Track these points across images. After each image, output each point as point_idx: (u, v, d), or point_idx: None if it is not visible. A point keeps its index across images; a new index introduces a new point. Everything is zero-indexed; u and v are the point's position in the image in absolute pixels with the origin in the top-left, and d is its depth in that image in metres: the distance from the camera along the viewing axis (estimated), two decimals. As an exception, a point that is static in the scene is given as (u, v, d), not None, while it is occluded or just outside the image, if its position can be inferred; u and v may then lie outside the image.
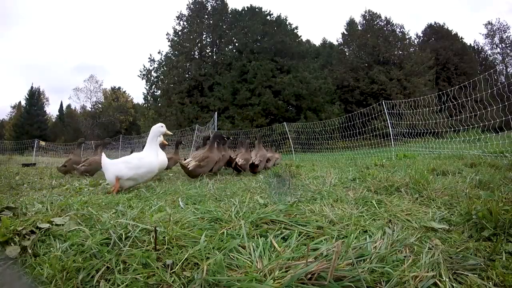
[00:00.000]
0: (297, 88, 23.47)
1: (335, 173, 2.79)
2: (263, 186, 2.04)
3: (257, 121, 22.52)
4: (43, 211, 1.32)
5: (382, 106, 6.68)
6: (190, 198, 1.67)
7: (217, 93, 24.34)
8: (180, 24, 28.70)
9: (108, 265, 0.81)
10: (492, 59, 35.17)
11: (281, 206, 1.32)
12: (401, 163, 3.58)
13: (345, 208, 1.36)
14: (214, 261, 0.78)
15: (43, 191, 2.27)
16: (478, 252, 0.87)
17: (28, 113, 37.28)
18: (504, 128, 4.62)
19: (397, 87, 26.19)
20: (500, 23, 34.60)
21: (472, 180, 1.83)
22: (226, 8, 28.64)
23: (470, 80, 4.89)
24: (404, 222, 1.15)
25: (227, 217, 1.20)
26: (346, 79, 27.60)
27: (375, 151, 6.75)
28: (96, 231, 1.02)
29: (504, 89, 4.18)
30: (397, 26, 30.91)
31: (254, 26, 25.49)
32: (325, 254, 0.81)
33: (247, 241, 0.94)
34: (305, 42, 30.20)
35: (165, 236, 0.94)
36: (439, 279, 0.73)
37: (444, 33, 34.64)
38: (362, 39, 29.23)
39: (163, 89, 26.94)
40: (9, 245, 0.92)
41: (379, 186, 1.79)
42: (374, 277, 0.72)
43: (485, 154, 3.99)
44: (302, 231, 1.05)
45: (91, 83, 41.59)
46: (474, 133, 5.05)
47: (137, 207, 1.42)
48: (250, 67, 23.93)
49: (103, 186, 2.49)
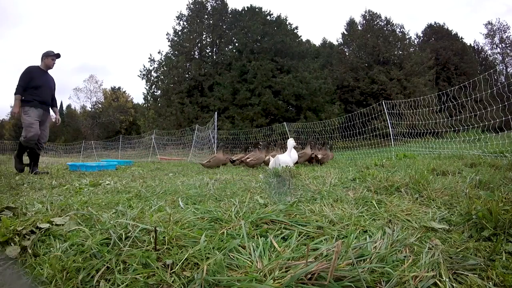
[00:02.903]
0: (297, 88, 23.47)
1: (335, 173, 2.80)
2: (263, 186, 2.04)
3: (257, 121, 22.54)
4: (43, 211, 1.33)
5: (382, 106, 6.68)
6: (190, 198, 1.67)
7: (217, 93, 24.34)
8: (180, 24, 28.72)
9: (108, 265, 0.81)
10: (492, 59, 35.18)
11: (281, 206, 1.32)
12: (401, 163, 3.58)
13: (345, 208, 1.36)
14: (214, 261, 0.79)
15: (43, 191, 2.27)
16: (478, 252, 0.87)
17: (28, 113, 37.19)
18: (504, 128, 4.63)
19: (397, 87, 26.21)
20: (500, 23, 34.62)
21: (472, 180, 1.83)
22: (226, 8, 28.64)
23: (470, 80, 4.89)
24: (404, 222, 1.15)
25: (227, 217, 1.20)
26: (346, 79, 27.62)
27: (375, 151, 6.75)
28: (96, 231, 1.02)
29: (504, 89, 4.18)
30: (397, 26, 30.95)
31: (254, 26, 25.48)
32: (325, 254, 0.81)
33: (247, 241, 0.94)
34: (305, 42, 30.21)
35: (165, 236, 0.94)
36: (439, 279, 0.73)
37: (444, 33, 34.65)
38: (362, 39, 29.25)
39: (163, 89, 26.93)
40: (9, 245, 0.92)
41: (379, 186, 1.79)
42: (374, 277, 0.73)
43: (485, 154, 3.99)
44: (302, 231, 1.05)
45: (91, 83, 41.63)
46: (474, 133, 5.05)
47: (137, 207, 1.42)
48: (250, 67, 23.93)
49: (103, 186, 2.49)
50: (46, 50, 4.38)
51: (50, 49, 4.40)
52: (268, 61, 24.14)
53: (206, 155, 9.07)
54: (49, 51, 4.38)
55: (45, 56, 4.36)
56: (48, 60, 4.36)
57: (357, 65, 27.97)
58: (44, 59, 4.34)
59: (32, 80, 4.18)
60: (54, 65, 4.43)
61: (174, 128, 19.32)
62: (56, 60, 4.41)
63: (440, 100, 5.95)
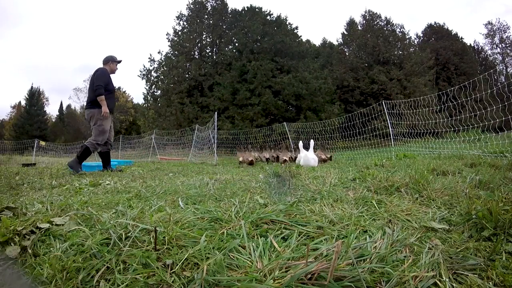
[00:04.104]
0: (297, 88, 23.46)
1: (335, 173, 2.79)
2: (263, 186, 2.04)
3: (257, 121, 22.53)
4: (43, 211, 1.32)
5: (382, 106, 6.68)
6: (190, 198, 1.67)
7: (217, 93, 24.32)
8: (180, 24, 28.70)
9: (108, 265, 0.81)
10: (492, 59, 35.17)
11: (281, 206, 1.32)
12: (401, 163, 3.58)
13: (345, 208, 1.36)
14: (214, 261, 0.79)
15: (43, 191, 2.27)
16: (478, 252, 0.87)
17: (28, 113, 37.29)
18: (504, 128, 4.63)
19: (397, 87, 26.21)
20: (500, 23, 34.61)
21: (472, 180, 1.83)
22: (226, 8, 28.62)
23: (470, 80, 4.89)
24: (404, 222, 1.15)
25: (227, 217, 1.20)
26: (346, 79, 27.61)
27: (375, 151, 6.75)
28: (96, 231, 1.02)
29: (504, 89, 4.18)
30: (397, 26, 30.94)
31: (254, 26, 25.47)
32: (325, 254, 0.81)
33: (247, 241, 0.94)
34: (305, 42, 30.20)
35: (165, 236, 0.94)
36: (439, 279, 0.73)
37: (444, 33, 34.66)
38: (362, 39, 29.24)
39: (163, 89, 26.92)
40: (9, 245, 0.92)
41: (379, 186, 1.78)
42: (374, 277, 0.72)
43: (485, 154, 3.99)
44: (302, 231, 1.05)
45: (91, 83, 41.53)
46: (474, 133, 5.05)
47: (137, 207, 1.42)
48: (250, 67, 23.92)
49: (103, 186, 2.49)
50: (110, 55, 4.34)
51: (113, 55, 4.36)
52: (268, 61, 24.13)
53: (206, 155, 9.06)
54: (113, 56, 4.35)
55: (110, 60, 4.31)
56: (114, 65, 4.33)
57: (357, 65, 27.96)
58: (110, 64, 4.30)
59: (108, 84, 4.14)
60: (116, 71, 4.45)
61: (174, 128, 19.32)
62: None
63: (440, 100, 5.95)
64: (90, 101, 4.11)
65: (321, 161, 5.36)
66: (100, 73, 4.10)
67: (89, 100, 4.14)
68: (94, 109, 4.06)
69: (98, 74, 4.09)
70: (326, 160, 5.42)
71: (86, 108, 4.21)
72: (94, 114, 4.06)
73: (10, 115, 42.74)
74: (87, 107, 4.18)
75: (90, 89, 4.17)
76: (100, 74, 4.09)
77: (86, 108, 4.24)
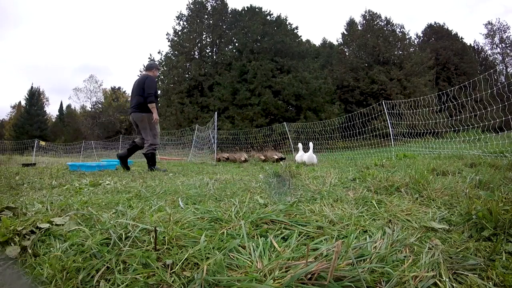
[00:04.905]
0: (297, 88, 23.46)
1: (335, 173, 2.79)
2: (263, 186, 2.04)
3: (257, 121, 22.53)
4: (43, 211, 1.32)
5: (382, 106, 6.68)
6: (190, 198, 1.67)
7: (217, 93, 24.32)
8: (180, 24, 28.70)
9: (108, 265, 0.81)
10: (492, 59, 35.20)
11: (281, 206, 1.32)
12: (401, 163, 3.58)
13: (345, 208, 1.36)
14: (214, 261, 0.78)
15: (43, 191, 2.27)
16: (478, 252, 0.87)
17: (28, 113, 37.27)
18: (504, 128, 4.63)
19: (397, 87, 26.22)
20: (500, 23, 34.64)
21: (472, 180, 1.83)
22: (226, 8, 28.62)
23: (470, 80, 4.89)
24: (404, 222, 1.15)
25: (227, 217, 1.20)
26: (346, 79, 27.62)
27: (375, 151, 6.75)
28: (96, 231, 1.02)
29: (504, 89, 4.18)
30: (397, 26, 30.97)
31: (254, 26, 25.47)
32: (325, 254, 0.81)
33: (247, 241, 0.94)
34: (305, 42, 30.21)
35: (165, 236, 0.94)
36: (439, 279, 0.73)
37: (444, 33, 34.68)
38: (362, 39, 29.26)
39: (163, 89, 26.91)
40: (9, 245, 0.92)
41: (379, 186, 1.78)
42: (374, 277, 0.72)
43: (485, 154, 3.99)
44: (302, 231, 1.05)
45: (90, 83, 41.62)
46: (474, 133, 5.05)
47: (137, 207, 1.42)
48: (250, 67, 23.91)
49: (103, 186, 2.49)
50: (153, 62, 4.70)
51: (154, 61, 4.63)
52: (268, 61, 24.13)
53: (206, 155, 9.06)
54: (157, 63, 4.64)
55: (155, 68, 4.56)
56: (157, 72, 4.59)
57: (357, 65, 27.97)
58: (154, 70, 4.52)
59: (156, 91, 4.38)
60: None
61: (174, 128, 19.31)
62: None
63: (440, 100, 5.95)
64: (138, 105, 4.31)
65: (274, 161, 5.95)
66: (150, 81, 4.29)
67: (137, 104, 4.33)
68: (144, 113, 4.32)
69: (148, 82, 4.28)
70: (279, 160, 6.10)
71: (134, 112, 4.36)
72: (144, 118, 4.33)
73: (10, 115, 42.77)
74: (134, 110, 4.35)
75: (136, 93, 4.36)
76: (151, 82, 4.29)
77: (133, 112, 4.37)
